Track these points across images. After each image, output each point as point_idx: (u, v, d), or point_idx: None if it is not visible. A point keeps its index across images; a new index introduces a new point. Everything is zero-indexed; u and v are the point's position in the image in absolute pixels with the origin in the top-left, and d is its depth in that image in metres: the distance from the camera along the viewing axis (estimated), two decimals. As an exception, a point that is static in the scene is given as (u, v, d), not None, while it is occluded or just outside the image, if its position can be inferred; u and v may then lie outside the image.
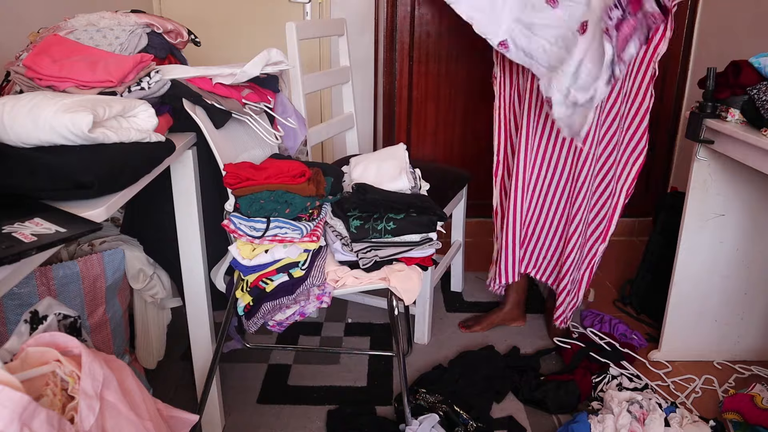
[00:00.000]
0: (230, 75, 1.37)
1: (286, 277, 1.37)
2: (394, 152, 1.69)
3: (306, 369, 1.89)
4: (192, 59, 1.57)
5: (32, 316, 0.85)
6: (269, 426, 1.64)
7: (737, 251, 1.84)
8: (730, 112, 1.55)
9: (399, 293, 1.41)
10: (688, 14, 2.65)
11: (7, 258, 0.69)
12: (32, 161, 0.91)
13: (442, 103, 2.74)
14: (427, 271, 1.70)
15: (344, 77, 2.16)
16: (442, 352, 1.97)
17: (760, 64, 1.51)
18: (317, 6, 2.66)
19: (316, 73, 2.03)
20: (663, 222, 2.19)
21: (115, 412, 0.79)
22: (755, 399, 1.59)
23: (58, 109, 0.95)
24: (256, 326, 1.43)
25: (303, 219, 1.32)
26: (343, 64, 2.17)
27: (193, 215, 1.42)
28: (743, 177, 1.74)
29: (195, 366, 1.58)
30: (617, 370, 1.81)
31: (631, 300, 2.30)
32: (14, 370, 0.73)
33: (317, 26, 2.12)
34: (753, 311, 1.91)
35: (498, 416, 1.67)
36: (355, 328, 2.12)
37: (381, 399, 1.74)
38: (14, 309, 1.30)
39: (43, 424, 0.67)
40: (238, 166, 1.33)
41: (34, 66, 1.15)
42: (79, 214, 0.86)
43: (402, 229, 1.39)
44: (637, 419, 1.51)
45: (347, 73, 2.17)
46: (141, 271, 1.54)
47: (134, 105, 1.09)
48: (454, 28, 2.64)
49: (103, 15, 1.35)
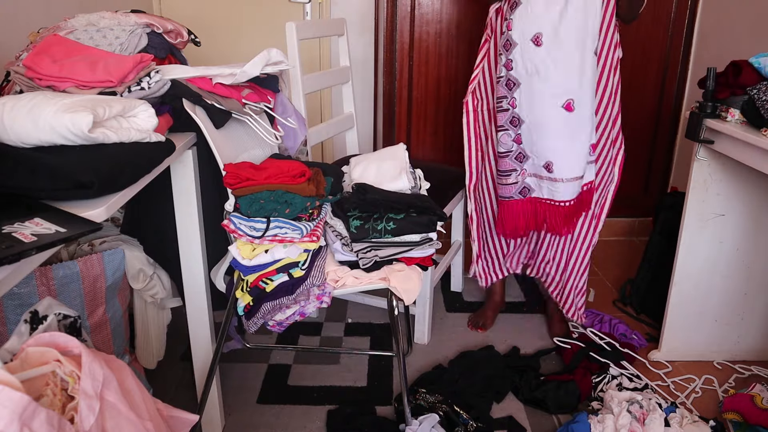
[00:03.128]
0: (230, 75, 1.37)
1: (286, 277, 1.37)
2: (394, 152, 1.69)
3: (306, 369, 1.89)
4: (192, 59, 1.57)
5: (32, 316, 0.85)
6: (269, 426, 1.64)
7: (737, 251, 1.84)
8: (730, 112, 1.55)
9: (399, 293, 1.41)
10: (688, 14, 2.65)
11: (7, 258, 0.69)
12: (32, 161, 0.91)
13: (441, 103, 2.74)
14: (427, 271, 1.70)
15: (344, 77, 2.16)
16: (442, 352, 1.97)
17: (760, 64, 1.51)
18: (317, 6, 2.66)
19: (316, 73, 2.03)
20: (663, 222, 2.19)
21: (115, 412, 0.79)
22: (755, 399, 1.59)
23: (58, 109, 0.95)
24: (256, 326, 1.43)
25: (303, 219, 1.32)
26: (343, 64, 2.17)
27: (193, 215, 1.42)
28: (743, 177, 1.74)
29: (195, 366, 1.58)
30: (617, 370, 1.81)
31: (631, 300, 2.30)
32: (14, 370, 0.73)
33: (317, 26, 2.12)
34: (753, 311, 1.91)
35: (498, 416, 1.67)
36: (355, 328, 2.12)
37: (381, 399, 1.74)
38: (14, 309, 1.30)
39: (43, 424, 0.67)
40: (238, 166, 1.32)
41: (34, 66, 1.15)
42: (79, 214, 0.86)
43: (402, 229, 1.39)
44: (637, 419, 1.50)
45: (347, 73, 2.17)
46: (141, 271, 1.54)
47: (134, 105, 1.09)
48: (454, 28, 2.64)
49: (103, 15, 1.35)
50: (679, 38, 2.69)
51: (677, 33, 2.68)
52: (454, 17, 2.63)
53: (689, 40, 2.68)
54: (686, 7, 2.64)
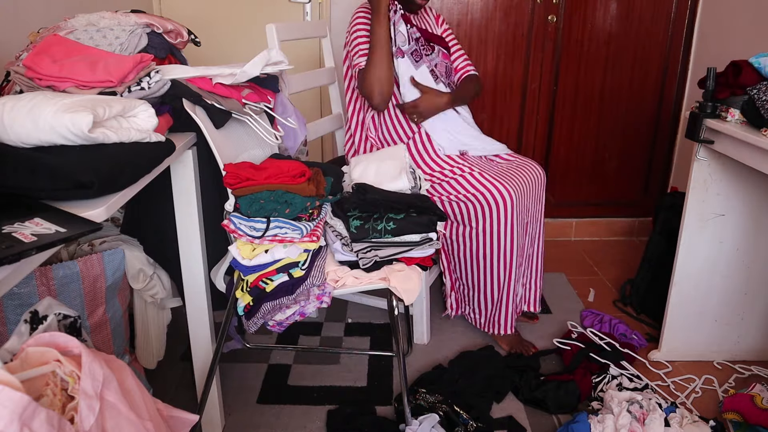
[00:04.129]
0: (230, 75, 1.37)
1: (286, 277, 1.37)
2: (394, 152, 1.69)
3: (306, 369, 1.89)
4: (192, 59, 1.57)
5: (32, 316, 0.85)
6: (269, 426, 1.64)
7: (737, 251, 1.84)
8: (730, 112, 1.55)
9: (399, 293, 1.41)
10: (688, 14, 2.65)
11: (7, 258, 0.69)
12: (32, 161, 0.91)
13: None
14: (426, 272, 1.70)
15: (330, 78, 2.20)
16: (442, 352, 1.97)
17: (760, 64, 1.51)
18: (317, 6, 2.66)
19: (300, 73, 2.04)
20: (663, 222, 2.19)
21: (115, 412, 0.79)
22: (755, 399, 1.58)
23: (58, 109, 0.95)
24: (256, 326, 1.43)
25: (303, 219, 1.32)
26: (328, 65, 2.21)
27: (193, 215, 1.42)
28: (743, 177, 1.74)
29: (195, 366, 1.58)
30: (617, 370, 1.81)
31: (631, 300, 2.30)
32: (14, 370, 0.73)
33: (298, 28, 2.12)
34: (753, 311, 1.91)
35: (498, 416, 1.67)
36: (355, 328, 2.12)
37: (381, 399, 1.74)
38: (14, 309, 1.30)
39: (43, 424, 0.66)
40: (238, 166, 1.33)
41: (34, 66, 1.15)
42: (79, 214, 0.86)
43: (402, 229, 1.39)
44: (637, 419, 1.50)
45: (332, 73, 2.20)
46: (141, 271, 1.54)
47: (134, 105, 1.09)
48: (454, 28, 2.64)
49: (103, 15, 1.35)
50: (679, 38, 2.69)
51: (677, 33, 2.68)
52: (454, 18, 2.63)
53: (689, 40, 2.68)
54: (686, 7, 2.64)
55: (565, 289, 2.41)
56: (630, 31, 2.68)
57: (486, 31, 2.66)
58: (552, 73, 2.72)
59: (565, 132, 2.82)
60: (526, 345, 1.97)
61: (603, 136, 2.83)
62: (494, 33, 2.66)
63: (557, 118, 2.79)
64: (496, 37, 2.66)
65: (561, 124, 2.80)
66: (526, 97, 2.75)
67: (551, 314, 2.22)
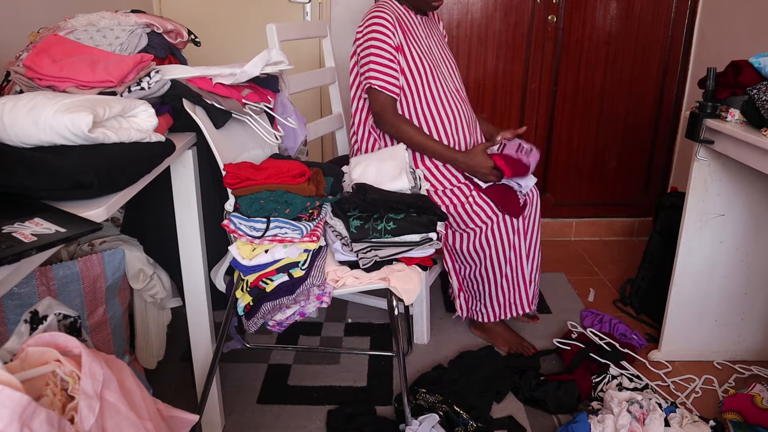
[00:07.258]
0: (230, 75, 1.37)
1: (286, 277, 1.37)
2: (394, 152, 1.69)
3: (306, 369, 1.89)
4: (192, 59, 1.57)
5: (32, 316, 0.85)
6: (269, 426, 1.64)
7: (737, 251, 1.84)
8: (730, 112, 1.55)
9: (399, 293, 1.41)
10: (688, 14, 2.65)
11: (7, 258, 0.69)
12: (32, 161, 0.91)
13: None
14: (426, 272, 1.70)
15: (330, 78, 2.19)
16: (442, 352, 1.97)
17: (760, 64, 1.51)
18: (317, 6, 2.66)
19: (300, 74, 2.04)
20: (663, 222, 2.19)
21: (115, 412, 0.79)
22: (755, 399, 1.59)
23: (58, 109, 0.95)
24: (256, 326, 1.43)
25: (303, 219, 1.32)
26: (328, 65, 2.21)
27: (193, 215, 1.42)
28: (743, 177, 1.74)
29: (195, 366, 1.58)
30: (617, 370, 1.81)
31: (631, 300, 2.30)
32: (14, 370, 0.73)
33: (298, 28, 2.12)
34: (753, 311, 1.91)
35: (498, 416, 1.67)
36: (355, 328, 2.12)
37: (381, 399, 1.74)
38: (14, 309, 1.30)
39: (43, 424, 0.66)
40: (238, 166, 1.33)
41: (34, 66, 1.15)
42: (79, 214, 0.86)
43: (402, 229, 1.39)
44: (637, 419, 1.50)
45: (333, 73, 2.20)
46: (141, 271, 1.53)
47: (134, 105, 1.09)
48: (454, 28, 2.64)
49: (103, 15, 1.35)
50: (679, 38, 2.69)
51: (677, 33, 2.68)
52: (454, 18, 2.63)
53: (689, 40, 2.68)
54: (686, 7, 2.64)
55: (565, 289, 2.41)
56: (630, 31, 2.68)
57: (486, 31, 2.66)
58: (552, 73, 2.72)
59: (565, 132, 2.82)
60: (525, 345, 1.97)
61: (603, 136, 2.83)
62: (494, 33, 2.66)
63: (557, 118, 2.79)
64: (496, 37, 2.67)
65: (561, 124, 2.80)
66: (525, 97, 2.75)
67: (551, 314, 2.22)
